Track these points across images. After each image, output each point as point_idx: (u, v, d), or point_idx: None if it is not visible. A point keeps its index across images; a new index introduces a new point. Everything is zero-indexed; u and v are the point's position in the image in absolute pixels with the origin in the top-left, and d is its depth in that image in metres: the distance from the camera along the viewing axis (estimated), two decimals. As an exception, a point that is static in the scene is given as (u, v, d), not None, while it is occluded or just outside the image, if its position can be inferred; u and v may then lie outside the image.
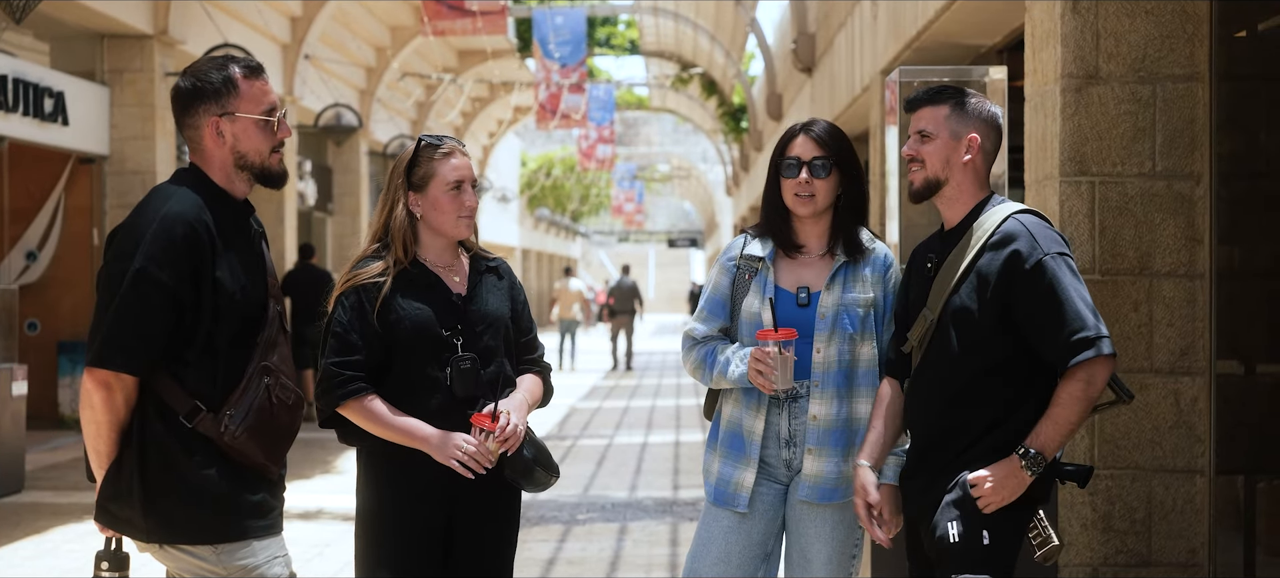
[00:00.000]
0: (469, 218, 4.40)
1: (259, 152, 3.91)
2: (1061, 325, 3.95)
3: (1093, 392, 3.97)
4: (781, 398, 4.42)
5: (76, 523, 10.26)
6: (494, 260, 4.56)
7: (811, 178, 4.41)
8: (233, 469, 3.80)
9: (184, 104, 3.89)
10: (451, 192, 4.37)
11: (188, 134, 3.91)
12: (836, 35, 16.64)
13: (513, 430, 4.26)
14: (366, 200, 24.77)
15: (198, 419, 3.76)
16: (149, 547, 3.85)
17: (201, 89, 3.86)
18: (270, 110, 3.92)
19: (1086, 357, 3.93)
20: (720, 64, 32.11)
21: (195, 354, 3.77)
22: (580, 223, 76.78)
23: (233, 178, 3.91)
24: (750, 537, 4.46)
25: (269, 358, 3.86)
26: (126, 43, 16.03)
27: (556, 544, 9.44)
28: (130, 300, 3.68)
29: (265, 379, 3.83)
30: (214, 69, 3.89)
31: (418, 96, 29.64)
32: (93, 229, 16.11)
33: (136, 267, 3.69)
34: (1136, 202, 6.02)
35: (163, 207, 3.77)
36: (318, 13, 20.59)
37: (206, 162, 3.90)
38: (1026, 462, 3.96)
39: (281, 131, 3.95)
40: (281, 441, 3.91)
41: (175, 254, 3.71)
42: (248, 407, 3.79)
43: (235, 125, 3.87)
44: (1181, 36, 6.02)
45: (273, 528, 3.89)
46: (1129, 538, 6.02)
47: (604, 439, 16.12)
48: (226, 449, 3.78)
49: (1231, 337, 6.08)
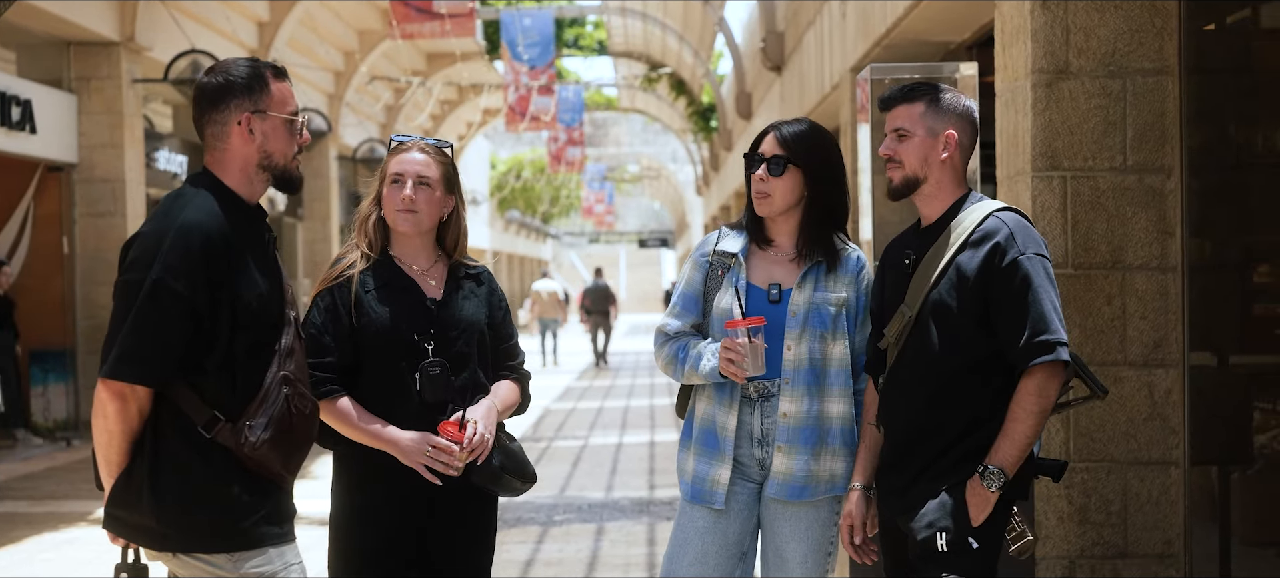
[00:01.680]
0: (406, 212, 4.38)
1: (284, 153, 3.88)
2: (1026, 325, 3.96)
3: (1044, 402, 3.97)
4: (753, 394, 4.42)
5: (51, 532, 10.22)
6: (475, 267, 4.56)
7: (767, 176, 4.43)
8: (249, 478, 3.76)
9: (213, 99, 3.82)
10: (392, 185, 4.41)
11: (211, 131, 3.84)
12: (805, 34, 16.68)
13: (479, 440, 4.25)
14: (336, 205, 24.70)
15: (217, 429, 3.71)
16: (162, 555, 3.80)
17: (233, 85, 3.81)
18: (295, 113, 3.90)
19: (1043, 360, 3.94)
20: (689, 64, 32.14)
21: (214, 364, 3.72)
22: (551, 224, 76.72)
23: (253, 179, 3.86)
24: (727, 535, 4.47)
25: (288, 367, 3.82)
26: (93, 50, 15.96)
27: (534, 546, 9.44)
28: (147, 311, 3.63)
29: (284, 389, 3.79)
30: (243, 67, 3.85)
31: (386, 100, 29.58)
32: (62, 237, 16.04)
33: (154, 277, 3.64)
34: (1108, 196, 6.06)
35: (179, 215, 3.72)
36: (285, 17, 20.53)
37: (227, 161, 3.85)
38: (986, 479, 3.99)
39: (303, 137, 3.94)
40: (299, 450, 3.88)
41: (193, 264, 3.66)
42: (269, 416, 3.74)
43: (266, 123, 3.83)
44: (1151, 30, 6.06)
45: (287, 536, 3.85)
46: (1105, 530, 6.06)
47: (579, 440, 16.12)
48: (245, 459, 3.74)
49: (1204, 329, 6.12)
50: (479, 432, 4.26)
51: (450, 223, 4.51)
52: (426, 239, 4.47)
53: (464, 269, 4.52)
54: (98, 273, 15.89)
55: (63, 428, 15.84)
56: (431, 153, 4.46)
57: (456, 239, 4.52)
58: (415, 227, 4.41)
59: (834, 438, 4.41)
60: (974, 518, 4.01)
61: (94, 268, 15.91)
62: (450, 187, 4.48)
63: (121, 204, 15.97)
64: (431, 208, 4.42)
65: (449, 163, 4.51)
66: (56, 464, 14.21)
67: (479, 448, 4.26)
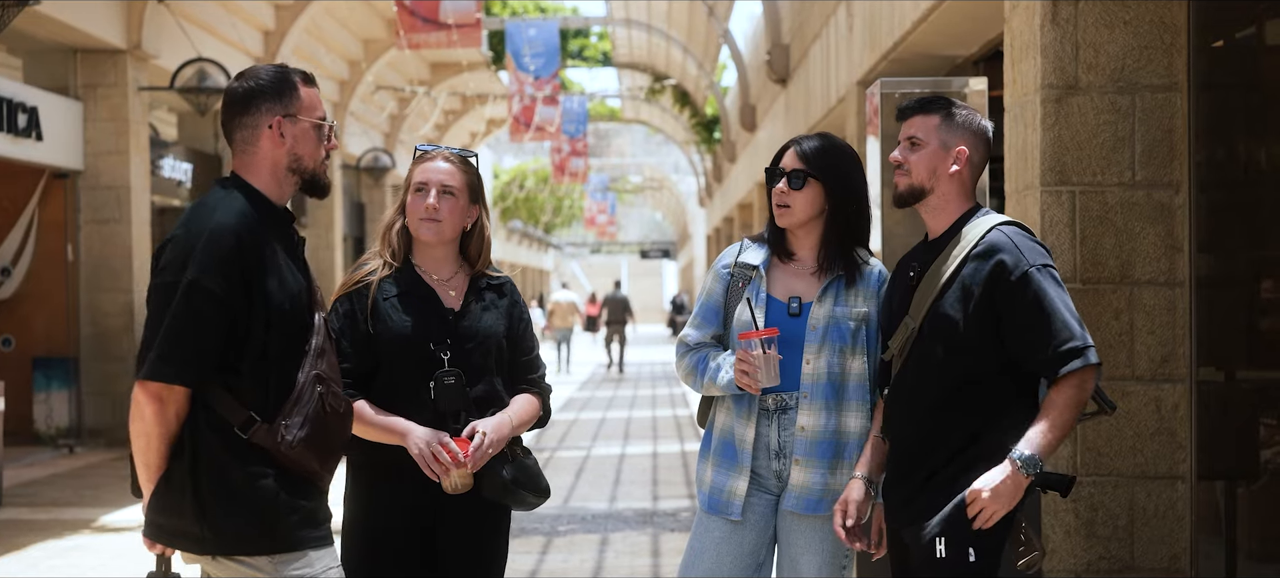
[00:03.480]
0: (429, 221, 4.40)
1: (314, 157, 3.90)
2: (1050, 336, 3.99)
3: (1083, 397, 4.00)
4: (771, 407, 4.44)
5: (56, 539, 10.23)
6: (499, 278, 4.57)
7: (788, 188, 4.45)
8: (287, 479, 3.76)
9: (244, 103, 3.84)
10: (416, 193, 4.43)
11: (240, 135, 3.86)
12: (811, 46, 16.70)
13: (480, 453, 4.25)
14: (340, 213, 24.72)
15: (253, 430, 3.72)
16: (201, 558, 3.80)
17: (263, 89, 3.84)
18: (324, 118, 3.93)
19: (1076, 366, 3.96)
20: (693, 75, 32.15)
21: (249, 365, 3.73)
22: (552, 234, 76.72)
23: (282, 182, 3.89)
24: (742, 546, 4.48)
25: (320, 366, 3.83)
26: (100, 57, 15.97)
27: (538, 556, 9.45)
28: (184, 313, 3.64)
29: (318, 388, 3.80)
30: (272, 72, 3.87)
31: (391, 110, 29.61)
32: (67, 244, 16.04)
33: (189, 278, 3.65)
34: (1117, 211, 6.07)
35: (211, 217, 3.74)
36: (290, 26, 20.56)
37: (256, 165, 3.87)
38: (1023, 465, 3.95)
39: (331, 142, 3.96)
40: (335, 449, 3.89)
41: (227, 265, 3.68)
42: (304, 416, 3.75)
43: (295, 127, 3.85)
44: (1160, 47, 6.07)
45: (326, 538, 3.85)
46: (1112, 544, 6.06)
47: (582, 451, 16.13)
48: (282, 459, 3.74)
49: (1211, 343, 6.13)
50: (485, 441, 4.25)
51: (474, 233, 4.51)
52: (449, 249, 4.48)
53: (486, 280, 4.53)
54: (101, 280, 15.91)
55: (65, 435, 15.84)
56: (456, 162, 4.47)
57: (480, 250, 4.52)
58: (437, 236, 4.41)
59: (851, 453, 4.42)
60: (999, 505, 3.95)
61: (98, 275, 15.92)
62: (475, 197, 4.49)
63: (126, 212, 15.98)
64: (454, 217, 4.43)
65: (474, 173, 4.52)
66: (59, 471, 14.21)
67: (480, 459, 4.26)
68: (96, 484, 13.11)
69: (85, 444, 15.86)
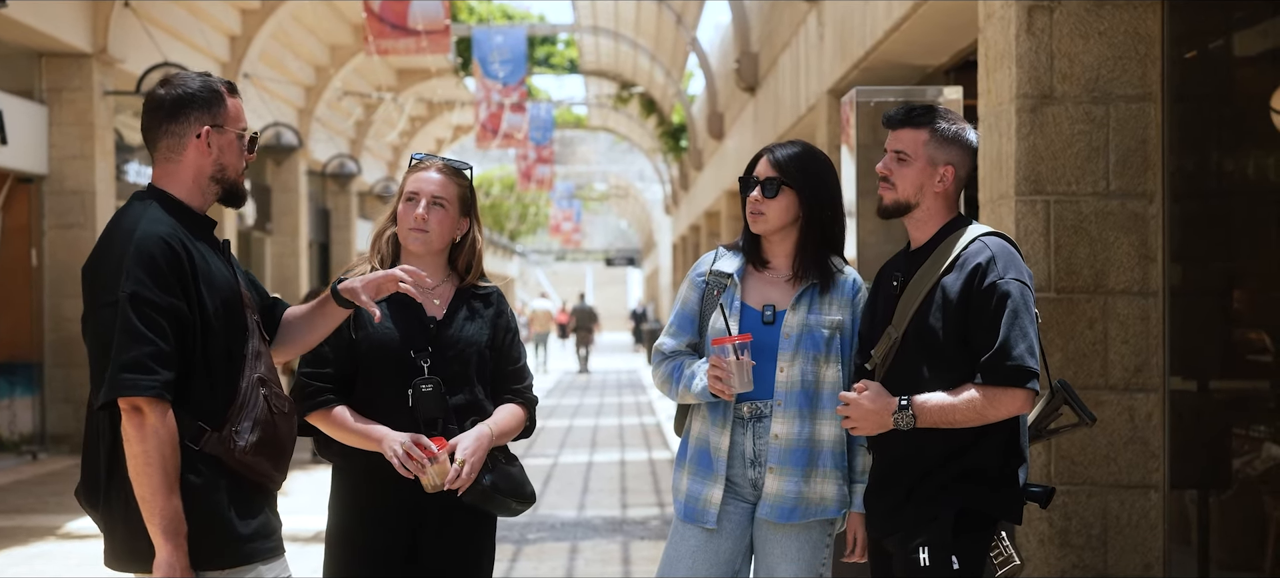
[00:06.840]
0: (418, 231, 4.39)
1: (236, 167, 3.89)
2: (1006, 350, 3.97)
3: (991, 416, 4.01)
4: (746, 415, 4.43)
5: (20, 546, 10.13)
6: (485, 289, 4.55)
7: (762, 196, 4.45)
8: (238, 491, 3.72)
9: (171, 111, 3.80)
10: (407, 203, 4.43)
11: (165, 143, 3.82)
12: (781, 55, 16.71)
13: (458, 476, 4.23)
14: (305, 220, 24.61)
15: (204, 440, 3.67)
16: None
17: (193, 98, 3.80)
18: (245, 129, 3.91)
19: (1017, 388, 3.97)
20: (660, 83, 32.16)
21: (190, 373, 3.68)
22: (517, 242, 76.64)
23: (204, 190, 3.85)
24: (718, 555, 4.47)
25: (259, 368, 3.80)
26: (65, 61, 15.86)
27: (508, 565, 9.41)
28: (132, 325, 3.57)
29: (261, 390, 3.77)
30: (199, 82, 3.85)
31: (357, 116, 29.51)
32: (31, 249, 15.92)
33: (128, 292, 3.59)
34: (1091, 220, 6.09)
35: (134, 230, 3.68)
36: (257, 31, 20.46)
37: (178, 174, 3.83)
38: (898, 414, 4.05)
39: (251, 154, 3.94)
40: (285, 450, 3.86)
41: (160, 273, 3.62)
42: (252, 419, 3.72)
43: (223, 137, 3.83)
44: (1134, 57, 6.10)
45: (277, 550, 3.82)
46: (1085, 553, 6.08)
47: (549, 458, 16.08)
48: (236, 466, 3.70)
49: (1184, 353, 6.16)
50: (464, 467, 4.23)
51: (464, 245, 4.50)
52: (437, 259, 4.47)
53: (473, 289, 4.52)
54: (66, 285, 15.77)
55: (29, 441, 15.71)
56: (449, 174, 4.47)
57: (469, 262, 4.51)
58: (425, 246, 4.41)
59: (825, 461, 4.42)
60: (860, 423, 4.11)
61: (62, 280, 15.79)
62: (466, 209, 4.49)
63: (91, 216, 15.87)
64: (443, 229, 4.42)
65: (467, 185, 4.51)
66: (23, 478, 14.08)
67: (462, 480, 4.24)
68: (60, 491, 12.99)
69: (49, 450, 15.73)
